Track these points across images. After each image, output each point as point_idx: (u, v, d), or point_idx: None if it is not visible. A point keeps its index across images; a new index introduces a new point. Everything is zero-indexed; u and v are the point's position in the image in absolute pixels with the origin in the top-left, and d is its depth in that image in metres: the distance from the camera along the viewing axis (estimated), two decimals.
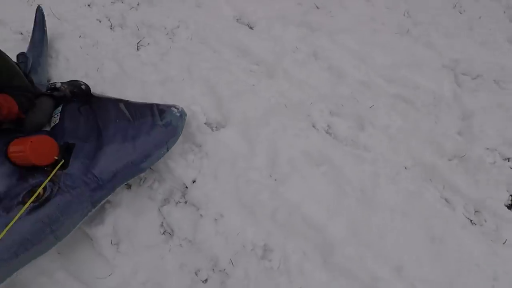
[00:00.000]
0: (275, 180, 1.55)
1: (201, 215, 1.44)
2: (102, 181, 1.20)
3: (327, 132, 1.75)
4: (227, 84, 1.93)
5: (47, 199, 1.03)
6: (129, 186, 1.49)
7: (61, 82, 1.60)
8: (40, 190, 1.02)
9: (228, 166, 1.57)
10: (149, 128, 1.41)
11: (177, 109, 1.56)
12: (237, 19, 2.47)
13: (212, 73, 1.98)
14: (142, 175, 1.47)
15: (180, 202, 1.50)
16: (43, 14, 2.04)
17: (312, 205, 1.44)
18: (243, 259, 1.32)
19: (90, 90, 1.62)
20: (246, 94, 1.88)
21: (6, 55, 1.35)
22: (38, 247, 1.00)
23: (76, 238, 1.30)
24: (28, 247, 0.97)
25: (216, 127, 1.80)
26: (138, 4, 2.45)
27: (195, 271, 1.31)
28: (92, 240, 1.32)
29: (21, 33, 2.17)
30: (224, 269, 1.31)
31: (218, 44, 2.23)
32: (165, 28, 2.30)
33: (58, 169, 1.13)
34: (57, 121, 1.40)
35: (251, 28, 2.40)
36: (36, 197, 1.00)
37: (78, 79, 1.64)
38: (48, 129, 1.40)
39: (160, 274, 1.30)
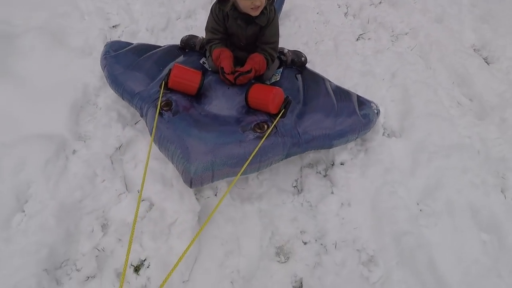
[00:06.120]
0: (420, 210, 1.41)
1: (332, 192, 1.49)
2: (302, 140, 1.39)
3: None
4: (425, 101, 1.81)
5: (268, 135, 1.27)
6: None
7: (288, 49, 1.89)
8: (272, 127, 1.28)
9: (381, 170, 1.53)
10: (350, 113, 1.52)
11: (376, 106, 1.64)
12: (474, 49, 2.23)
13: (415, 86, 1.90)
14: None
15: (320, 173, 1.59)
16: None
17: (449, 258, 1.25)
18: (346, 249, 1.31)
19: (306, 63, 1.86)
20: (439, 119, 1.72)
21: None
22: (247, 168, 1.21)
23: None
24: (242, 164, 1.19)
25: (388, 134, 1.75)
26: (380, 2, 2.56)
27: (300, 231, 1.40)
28: None
29: None
30: (325, 246, 1.34)
31: (438, 64, 2.09)
32: (393, 31, 2.33)
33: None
34: (278, 79, 1.68)
35: (487, 63, 2.13)
36: (261, 131, 1.27)
37: (301, 51, 1.89)
38: (268, 83, 1.67)
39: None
